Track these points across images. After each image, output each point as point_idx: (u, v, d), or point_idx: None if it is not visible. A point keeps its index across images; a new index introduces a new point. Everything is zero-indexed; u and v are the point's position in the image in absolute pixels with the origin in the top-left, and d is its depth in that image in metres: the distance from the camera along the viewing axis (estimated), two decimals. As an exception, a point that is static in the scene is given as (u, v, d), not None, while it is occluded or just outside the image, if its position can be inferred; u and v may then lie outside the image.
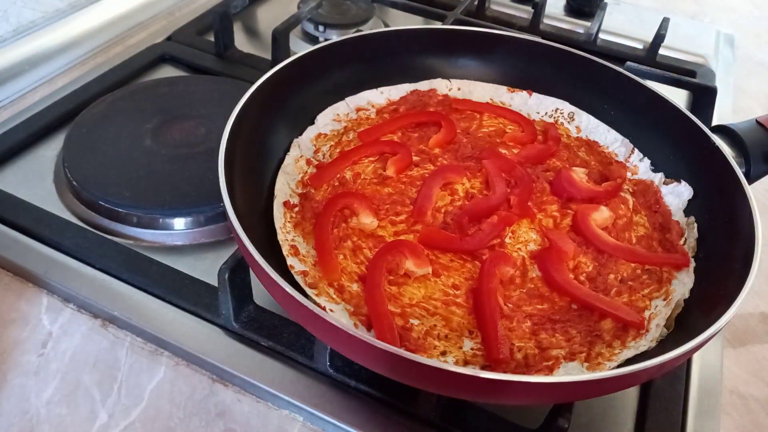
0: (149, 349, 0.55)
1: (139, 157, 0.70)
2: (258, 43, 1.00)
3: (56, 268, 0.59)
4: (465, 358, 0.48)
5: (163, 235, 0.64)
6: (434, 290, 0.53)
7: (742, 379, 0.60)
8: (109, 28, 0.93)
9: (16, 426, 0.49)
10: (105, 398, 0.51)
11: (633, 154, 0.67)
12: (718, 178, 0.59)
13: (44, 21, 0.89)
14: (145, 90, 0.80)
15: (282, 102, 0.64)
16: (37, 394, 0.51)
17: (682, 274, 0.55)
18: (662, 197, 0.63)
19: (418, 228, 0.58)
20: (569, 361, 0.48)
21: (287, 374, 0.53)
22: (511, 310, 0.52)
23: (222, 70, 0.88)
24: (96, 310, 0.57)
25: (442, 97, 0.73)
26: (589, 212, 0.60)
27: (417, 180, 0.63)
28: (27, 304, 0.58)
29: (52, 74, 0.85)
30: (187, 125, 0.75)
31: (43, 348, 0.54)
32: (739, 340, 0.64)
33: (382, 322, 0.48)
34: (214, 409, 0.51)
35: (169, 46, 0.92)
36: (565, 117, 0.72)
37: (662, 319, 0.51)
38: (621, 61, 0.86)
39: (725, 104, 0.96)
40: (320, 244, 0.55)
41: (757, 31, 1.26)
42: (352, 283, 0.52)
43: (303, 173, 0.62)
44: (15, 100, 0.81)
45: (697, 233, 0.58)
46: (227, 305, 0.54)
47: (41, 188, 0.68)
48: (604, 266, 0.56)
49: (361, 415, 0.50)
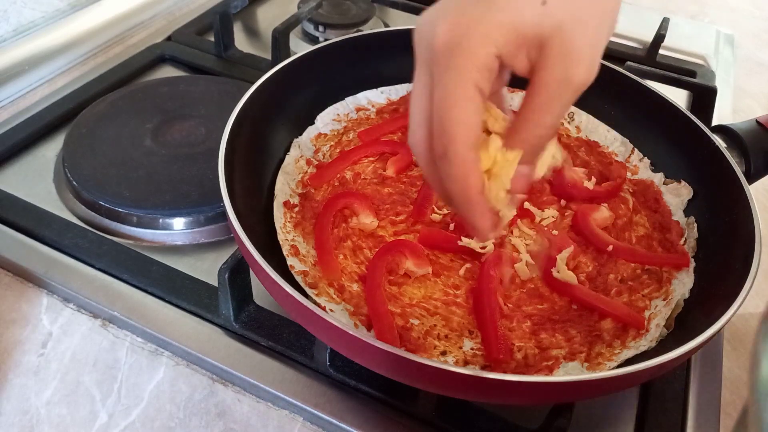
0: (149, 349, 0.55)
1: (139, 157, 0.70)
2: (258, 43, 1.00)
3: (56, 268, 0.59)
4: (465, 358, 0.48)
5: (163, 235, 0.64)
6: (434, 290, 0.53)
7: (742, 379, 0.60)
8: (109, 28, 0.93)
9: (16, 426, 0.49)
10: (105, 398, 0.51)
11: (633, 154, 0.67)
12: (718, 178, 0.59)
13: (44, 21, 0.89)
14: (145, 90, 0.80)
15: (282, 102, 0.64)
16: (37, 394, 0.51)
17: (682, 274, 0.55)
18: (662, 197, 0.63)
19: (418, 228, 0.58)
20: (569, 361, 0.48)
21: (287, 374, 0.53)
22: (511, 310, 0.52)
23: (222, 70, 0.88)
24: (96, 310, 0.57)
25: (442, 97, 0.73)
26: (589, 212, 0.60)
27: (417, 180, 0.63)
28: (27, 304, 0.58)
29: (52, 74, 0.85)
30: (187, 125, 0.75)
31: (43, 348, 0.54)
32: (739, 340, 0.64)
33: (382, 322, 0.48)
34: (214, 409, 0.51)
35: (169, 46, 0.92)
36: (564, 117, 0.72)
37: (662, 319, 0.51)
38: (621, 61, 0.86)
39: (725, 104, 0.96)
40: (320, 244, 0.55)
41: (757, 31, 1.26)
42: (352, 283, 0.52)
43: (303, 173, 0.62)
44: (15, 100, 0.81)
45: (697, 233, 0.58)
46: (227, 305, 0.54)
47: (41, 188, 0.68)
48: (604, 266, 0.56)
49: (361, 414, 0.50)
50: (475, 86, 0.35)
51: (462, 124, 0.35)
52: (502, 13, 0.34)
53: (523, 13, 0.34)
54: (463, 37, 0.34)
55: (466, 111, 0.35)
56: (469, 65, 0.35)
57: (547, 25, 0.34)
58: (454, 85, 0.35)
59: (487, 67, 0.35)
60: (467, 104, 0.35)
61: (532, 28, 0.34)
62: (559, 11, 0.34)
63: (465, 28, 0.34)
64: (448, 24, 0.35)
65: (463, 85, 0.35)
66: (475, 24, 0.34)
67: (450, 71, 0.35)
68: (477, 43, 0.34)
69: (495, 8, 0.34)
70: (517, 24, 0.34)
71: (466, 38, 0.34)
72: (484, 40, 0.34)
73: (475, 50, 0.34)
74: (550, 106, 0.36)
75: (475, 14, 0.34)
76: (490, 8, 0.34)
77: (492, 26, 0.34)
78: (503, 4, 0.34)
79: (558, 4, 0.34)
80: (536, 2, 0.34)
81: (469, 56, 0.34)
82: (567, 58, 0.35)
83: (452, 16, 0.35)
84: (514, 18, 0.34)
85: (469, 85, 0.35)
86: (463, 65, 0.35)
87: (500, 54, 0.35)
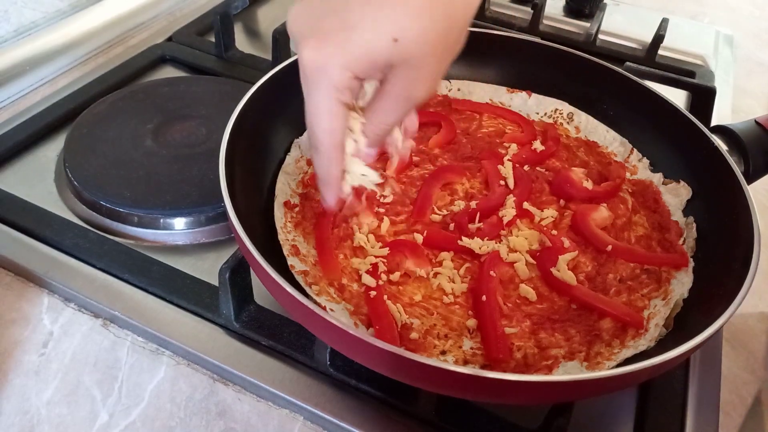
0: (150, 349, 0.55)
1: (139, 158, 0.70)
2: (258, 43, 1.00)
3: (57, 267, 0.59)
4: (465, 358, 0.48)
5: (164, 235, 0.64)
6: (434, 290, 0.53)
7: (742, 379, 0.60)
8: (109, 29, 0.94)
9: (16, 426, 0.49)
10: (106, 398, 0.51)
11: (632, 154, 0.67)
12: (717, 179, 0.59)
13: (45, 21, 0.89)
14: (146, 90, 0.81)
15: (282, 102, 0.64)
16: (38, 393, 0.51)
17: (681, 274, 0.55)
18: (661, 197, 0.63)
19: (418, 228, 0.58)
20: (568, 361, 0.48)
21: (288, 373, 0.53)
22: (510, 310, 0.52)
23: (222, 70, 0.88)
24: (97, 310, 0.57)
25: (442, 98, 0.74)
26: (589, 212, 0.60)
27: (417, 180, 0.63)
28: (28, 303, 0.58)
29: (53, 75, 0.85)
30: (188, 125, 0.75)
31: (44, 348, 0.54)
32: (738, 339, 0.64)
33: (382, 321, 0.48)
34: (214, 409, 0.51)
35: (170, 47, 0.92)
36: (564, 117, 0.72)
37: (661, 318, 0.52)
38: (620, 62, 0.86)
39: (725, 104, 0.96)
40: (321, 244, 0.55)
41: (757, 31, 1.26)
42: (353, 282, 0.52)
43: (303, 173, 0.62)
44: (16, 100, 0.81)
45: (696, 233, 0.58)
46: (228, 305, 0.54)
47: (42, 188, 0.68)
48: (603, 266, 0.56)
49: (362, 414, 0.50)
50: (336, 101, 0.42)
51: (326, 132, 0.44)
52: (358, 48, 0.40)
53: (376, 48, 0.40)
54: (326, 65, 0.41)
55: (329, 121, 0.43)
56: (330, 86, 0.42)
57: (396, 57, 0.41)
58: (318, 101, 0.43)
59: (345, 86, 0.42)
60: (330, 117, 0.43)
61: (384, 58, 0.41)
62: (407, 50, 0.40)
63: (327, 57, 0.41)
64: (311, 49, 0.41)
65: (327, 101, 0.42)
66: (333, 55, 0.41)
67: (316, 90, 0.42)
68: (336, 70, 0.41)
69: (351, 41, 0.40)
70: (371, 56, 0.41)
71: (328, 66, 0.41)
72: (343, 68, 0.41)
73: (335, 75, 0.41)
74: (392, 111, 0.45)
75: (335, 43, 0.40)
76: (348, 40, 0.40)
77: (349, 58, 0.41)
78: (358, 39, 0.40)
79: (408, 45, 0.40)
80: (388, 39, 0.40)
81: (330, 79, 0.41)
82: (412, 83, 0.42)
83: (315, 41, 0.41)
84: (368, 51, 0.40)
85: (332, 100, 0.42)
86: (326, 86, 0.42)
87: (356, 76, 0.42)
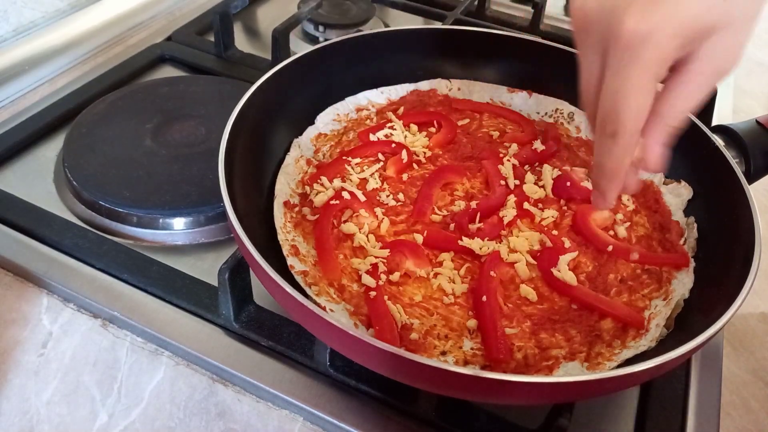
0: (149, 349, 0.55)
1: (139, 157, 0.70)
2: (258, 43, 1.00)
3: (56, 268, 0.59)
4: (465, 358, 0.48)
5: (164, 235, 0.64)
6: (434, 290, 0.53)
7: (742, 379, 0.60)
8: (109, 28, 0.93)
9: (16, 426, 0.49)
10: (105, 398, 0.51)
11: (633, 154, 0.67)
12: (718, 179, 0.59)
13: (44, 21, 0.89)
14: (145, 90, 0.81)
15: (282, 102, 0.64)
16: (37, 394, 0.51)
17: (681, 274, 0.55)
18: (662, 197, 0.63)
19: (419, 228, 0.58)
20: (569, 361, 0.48)
21: (287, 374, 0.53)
22: (511, 310, 0.52)
23: (222, 70, 0.88)
24: (96, 310, 0.57)
25: (442, 97, 0.73)
26: (589, 212, 0.60)
27: (417, 180, 0.63)
28: (27, 304, 0.58)
29: (53, 74, 0.85)
30: (187, 125, 0.75)
31: (43, 348, 0.54)
32: (739, 340, 0.64)
33: (382, 321, 0.48)
34: (214, 409, 0.51)
35: (169, 46, 0.92)
36: (564, 117, 0.72)
37: (662, 318, 0.51)
38: (621, 61, 0.86)
39: (725, 104, 0.96)
40: (320, 244, 0.55)
41: (757, 31, 1.25)
42: (353, 282, 0.52)
43: (303, 173, 0.62)
44: (15, 100, 0.81)
45: (696, 233, 0.58)
46: (227, 305, 0.54)
47: (41, 188, 0.68)
48: (604, 266, 0.56)
49: (361, 414, 0.50)
50: (655, 78, 0.36)
51: (636, 112, 0.37)
52: (691, 10, 0.35)
53: (710, 8, 0.35)
54: (654, 30, 0.35)
55: (643, 101, 0.37)
56: (655, 58, 0.36)
57: (725, 19, 0.36)
58: (637, 76, 0.36)
59: (672, 57, 0.36)
60: (645, 95, 0.37)
61: (713, 20, 0.36)
62: (734, 9, 0.36)
63: (657, 22, 0.35)
64: (637, 14, 0.35)
65: (646, 76, 0.36)
66: (669, 18, 0.35)
67: (635, 62, 0.36)
68: (668, 37, 0.35)
69: (684, 4, 0.35)
70: (702, 20, 0.35)
71: (657, 32, 0.35)
72: (675, 35, 0.35)
73: (665, 45, 0.35)
74: (697, 94, 0.38)
75: (666, 7, 0.35)
76: (680, 3, 0.35)
77: (685, 21, 0.35)
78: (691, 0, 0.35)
79: (735, 3, 0.36)
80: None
81: (657, 50, 0.35)
82: (728, 51, 0.37)
83: (640, 5, 0.35)
84: (698, 14, 0.35)
85: (651, 76, 0.36)
86: (649, 58, 0.36)
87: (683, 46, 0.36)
